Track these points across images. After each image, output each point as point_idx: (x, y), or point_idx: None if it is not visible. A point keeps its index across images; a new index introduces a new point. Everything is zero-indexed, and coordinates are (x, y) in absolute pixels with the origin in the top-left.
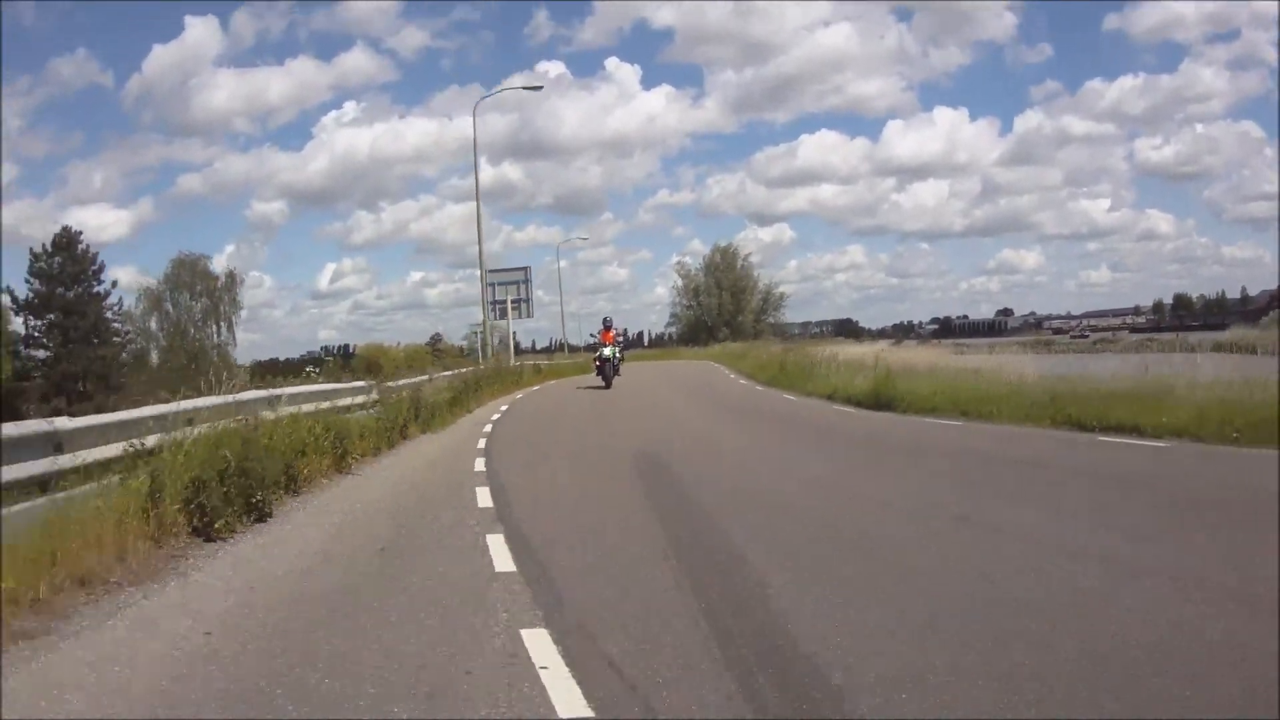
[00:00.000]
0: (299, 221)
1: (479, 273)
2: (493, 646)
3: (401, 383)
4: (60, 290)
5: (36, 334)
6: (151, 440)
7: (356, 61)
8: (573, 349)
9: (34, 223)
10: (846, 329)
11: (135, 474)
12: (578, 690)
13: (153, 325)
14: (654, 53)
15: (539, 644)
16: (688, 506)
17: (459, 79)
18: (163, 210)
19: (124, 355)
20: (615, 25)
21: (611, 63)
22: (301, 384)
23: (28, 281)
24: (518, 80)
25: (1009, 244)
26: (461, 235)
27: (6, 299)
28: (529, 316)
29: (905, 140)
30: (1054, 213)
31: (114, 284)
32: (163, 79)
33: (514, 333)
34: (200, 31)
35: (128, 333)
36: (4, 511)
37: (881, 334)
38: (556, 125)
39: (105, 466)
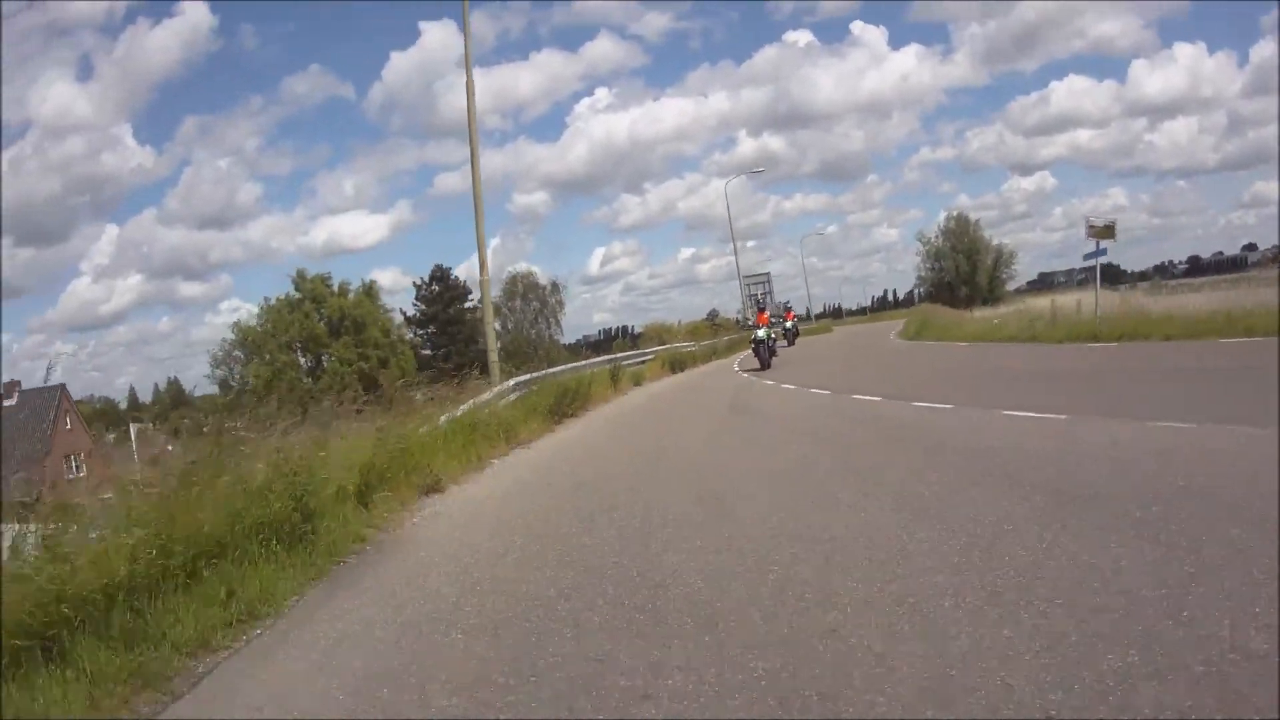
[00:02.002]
0: (564, 210)
1: (738, 285)
2: (736, 375)
3: (707, 342)
4: (441, 309)
5: (423, 339)
6: (650, 355)
7: (603, 49)
8: (819, 317)
9: (283, 235)
10: (1107, 273)
11: (658, 360)
12: (746, 377)
13: (497, 326)
14: (897, 13)
15: (742, 374)
16: (788, 362)
17: (709, 57)
18: (421, 211)
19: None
20: None
21: (857, 26)
22: (676, 344)
23: (415, 305)
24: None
25: (1261, 176)
26: (731, 208)
27: (400, 316)
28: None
29: (1151, 79)
30: None
31: (479, 301)
32: (406, 85)
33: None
34: (438, 35)
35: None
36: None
37: (1142, 276)
38: (813, 93)
39: (642, 362)
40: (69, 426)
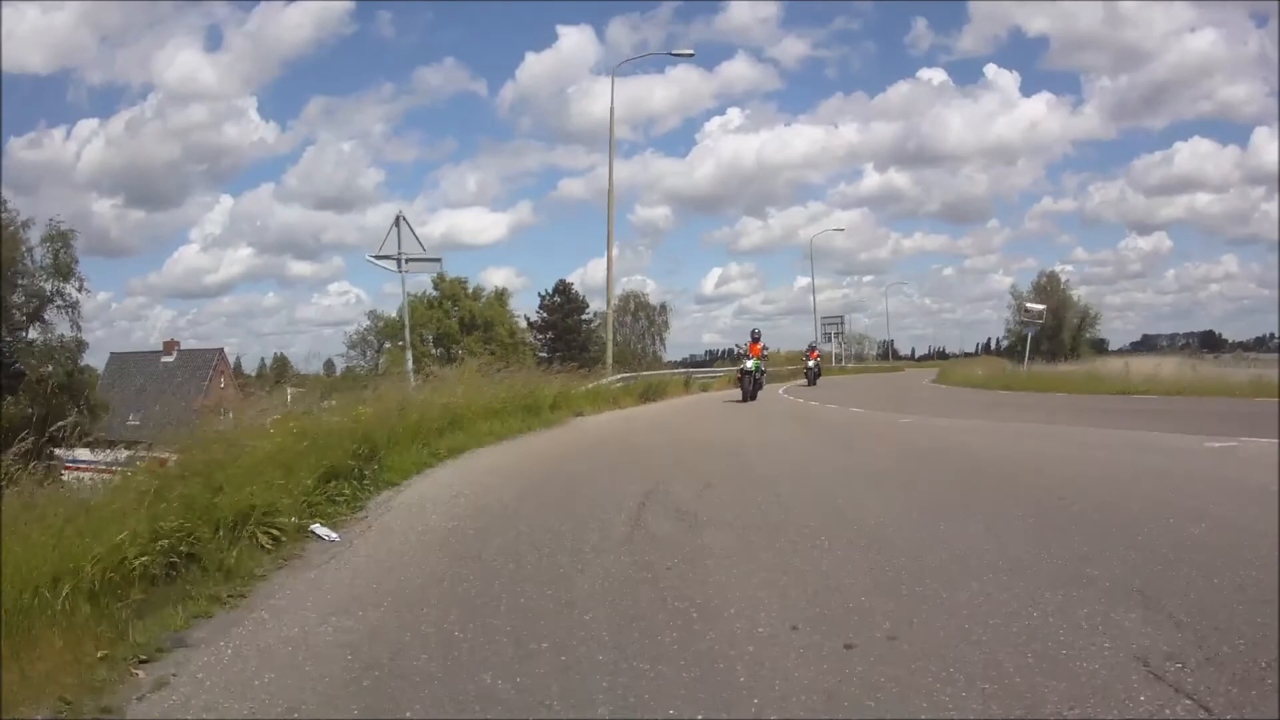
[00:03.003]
0: (684, 226)
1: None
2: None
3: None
4: (561, 318)
5: (541, 344)
6: (720, 373)
7: (739, 70)
8: (899, 356)
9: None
10: (1209, 341)
11: (726, 377)
12: (789, 399)
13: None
14: (1032, 59)
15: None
16: (820, 388)
17: (843, 87)
18: (542, 213)
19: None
20: (992, 33)
21: (990, 70)
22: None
23: (538, 312)
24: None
25: None
26: (849, 241)
27: (524, 321)
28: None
29: (1272, 146)
30: None
31: (595, 314)
32: (539, 87)
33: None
34: (575, 40)
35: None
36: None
37: (1241, 345)
38: (942, 132)
39: (712, 377)
40: (223, 385)
